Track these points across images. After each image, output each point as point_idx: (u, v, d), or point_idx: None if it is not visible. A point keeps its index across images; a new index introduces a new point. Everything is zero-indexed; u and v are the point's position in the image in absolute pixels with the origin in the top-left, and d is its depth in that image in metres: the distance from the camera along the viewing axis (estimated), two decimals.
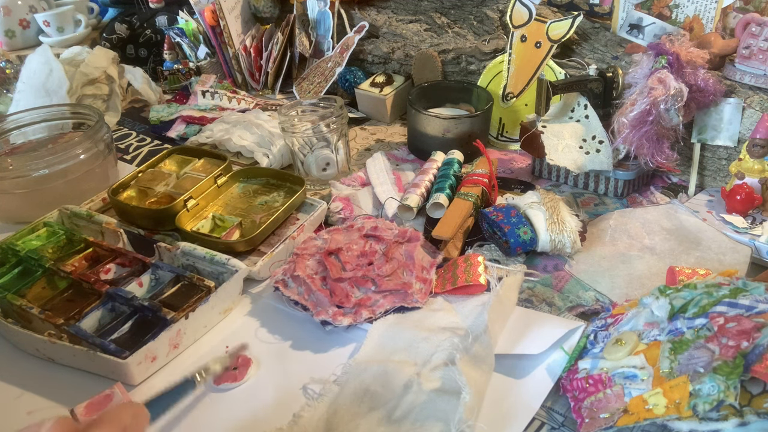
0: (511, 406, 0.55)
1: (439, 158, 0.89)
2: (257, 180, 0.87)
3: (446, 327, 0.63)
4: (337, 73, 1.11)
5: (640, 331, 0.54)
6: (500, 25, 1.04)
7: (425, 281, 0.68)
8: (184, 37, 1.25)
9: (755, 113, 0.79)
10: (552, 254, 0.73)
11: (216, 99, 1.15)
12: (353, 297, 0.66)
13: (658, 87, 0.76)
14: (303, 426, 0.54)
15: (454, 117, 0.92)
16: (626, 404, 0.50)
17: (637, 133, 0.77)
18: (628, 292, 0.66)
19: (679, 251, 0.71)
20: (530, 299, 0.67)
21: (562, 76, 0.94)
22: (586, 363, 0.55)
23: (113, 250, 0.73)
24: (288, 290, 0.67)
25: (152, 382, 0.60)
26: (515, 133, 0.98)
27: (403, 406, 0.55)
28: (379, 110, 1.08)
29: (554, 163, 0.81)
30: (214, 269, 0.70)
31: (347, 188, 0.87)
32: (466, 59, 1.04)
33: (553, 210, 0.73)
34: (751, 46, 0.79)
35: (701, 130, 0.83)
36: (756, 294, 0.51)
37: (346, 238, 0.72)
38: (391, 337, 0.62)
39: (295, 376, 0.60)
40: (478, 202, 0.78)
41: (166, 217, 0.77)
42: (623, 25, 0.93)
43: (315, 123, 0.87)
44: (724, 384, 0.45)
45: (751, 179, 0.76)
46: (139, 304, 0.64)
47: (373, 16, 1.13)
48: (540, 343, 0.59)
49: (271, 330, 0.66)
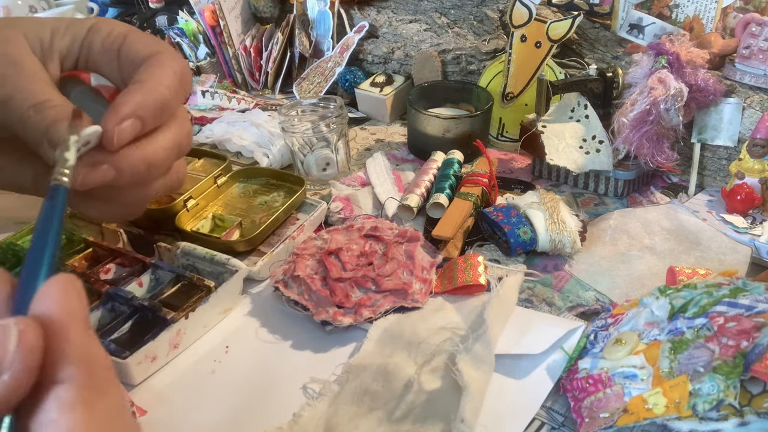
0: (511, 406, 0.55)
1: (439, 158, 0.89)
2: (257, 180, 0.87)
3: (446, 327, 0.63)
4: (337, 73, 1.11)
5: (640, 331, 0.54)
6: (500, 25, 1.04)
7: (425, 281, 0.68)
8: (184, 37, 1.25)
9: (755, 113, 0.79)
10: (552, 254, 0.73)
11: (216, 99, 1.15)
12: (353, 297, 0.66)
13: (658, 87, 0.76)
14: (303, 425, 0.54)
15: (454, 117, 0.92)
16: (626, 404, 0.50)
17: (637, 133, 0.77)
18: (628, 292, 0.66)
19: (679, 251, 0.71)
20: (530, 299, 0.67)
21: (562, 76, 0.94)
22: (586, 363, 0.55)
23: (113, 250, 0.73)
24: (288, 290, 0.67)
25: (152, 382, 0.60)
26: (515, 133, 0.98)
27: (403, 406, 0.55)
28: (379, 110, 1.08)
29: (554, 163, 0.81)
30: (214, 269, 0.70)
31: (347, 188, 0.87)
32: (466, 59, 1.04)
33: (553, 210, 0.73)
34: (751, 46, 0.79)
35: (701, 130, 0.83)
36: (756, 294, 0.51)
37: (346, 238, 0.72)
38: (391, 337, 0.62)
39: (295, 376, 0.60)
40: (478, 202, 0.78)
41: (166, 217, 0.77)
42: (623, 25, 0.93)
43: (315, 123, 0.87)
44: (723, 383, 0.45)
45: (751, 179, 0.76)
46: (139, 304, 0.64)
47: (373, 16, 1.13)
48: (540, 343, 0.59)
49: (271, 330, 0.66)
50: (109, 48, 0.38)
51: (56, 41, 0.38)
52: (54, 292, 0.25)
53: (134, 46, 0.38)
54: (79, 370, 0.24)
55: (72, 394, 0.23)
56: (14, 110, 0.35)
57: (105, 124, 0.34)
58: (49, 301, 0.25)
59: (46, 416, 0.23)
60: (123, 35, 0.38)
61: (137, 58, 0.37)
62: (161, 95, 0.36)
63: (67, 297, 0.25)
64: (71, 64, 0.39)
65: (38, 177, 0.40)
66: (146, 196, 0.40)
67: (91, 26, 0.39)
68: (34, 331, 0.23)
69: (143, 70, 0.37)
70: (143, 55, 0.37)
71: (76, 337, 0.24)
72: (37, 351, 0.23)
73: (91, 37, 0.39)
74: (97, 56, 0.39)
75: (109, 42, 0.38)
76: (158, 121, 0.36)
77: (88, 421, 0.23)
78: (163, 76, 0.36)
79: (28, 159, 0.40)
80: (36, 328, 0.24)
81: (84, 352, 0.24)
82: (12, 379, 0.23)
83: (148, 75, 0.36)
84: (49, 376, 0.24)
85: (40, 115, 0.34)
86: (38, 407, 0.23)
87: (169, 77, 0.36)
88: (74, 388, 0.23)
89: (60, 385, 0.23)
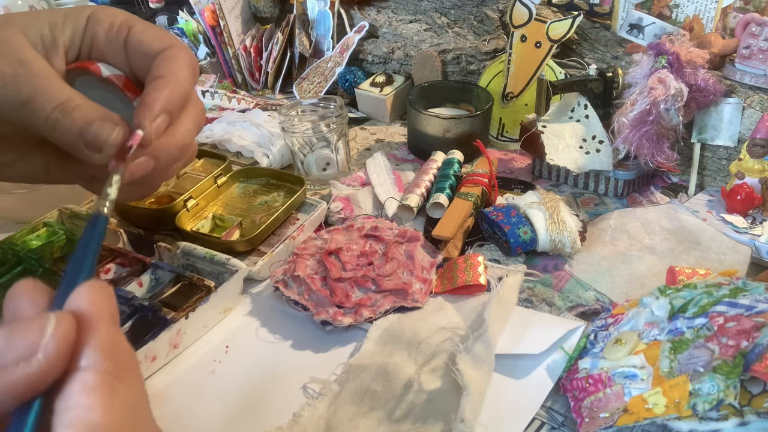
0: (511, 406, 0.55)
1: (439, 158, 0.89)
2: (257, 180, 0.87)
3: (446, 327, 0.63)
4: (337, 73, 1.11)
5: (640, 331, 0.54)
6: (500, 25, 1.04)
7: (425, 281, 0.68)
8: (184, 37, 1.25)
9: (755, 113, 0.79)
10: (552, 254, 0.73)
11: (216, 99, 1.15)
12: (353, 297, 0.66)
13: (658, 87, 0.76)
14: (303, 425, 0.54)
15: (454, 117, 0.92)
16: (626, 404, 0.50)
17: (637, 133, 0.77)
18: (628, 292, 0.66)
19: (679, 251, 0.71)
20: (530, 299, 0.67)
21: (562, 76, 0.94)
22: (586, 363, 0.55)
23: (113, 250, 0.73)
24: (288, 290, 0.67)
25: (152, 381, 0.60)
26: (515, 133, 0.98)
27: (403, 406, 0.55)
28: (379, 110, 1.08)
29: (554, 163, 0.81)
30: (214, 269, 0.70)
31: (347, 188, 0.87)
32: (466, 59, 1.04)
33: (553, 210, 0.73)
34: (751, 46, 0.79)
35: (701, 130, 0.83)
36: (756, 294, 0.51)
37: (346, 238, 0.72)
38: (391, 337, 0.62)
39: (295, 376, 0.60)
40: (478, 202, 0.78)
41: (166, 217, 0.77)
42: (623, 25, 0.93)
43: (315, 123, 0.87)
44: (723, 383, 0.45)
45: (751, 179, 0.76)
46: (138, 304, 0.64)
47: (373, 16, 1.13)
48: (540, 343, 0.59)
49: (271, 330, 0.66)
50: (115, 38, 0.39)
51: (57, 34, 0.38)
52: (86, 292, 0.27)
53: (142, 37, 0.39)
54: (103, 357, 0.26)
55: (96, 378, 0.25)
56: (38, 112, 0.36)
57: (141, 122, 0.37)
58: (82, 299, 0.27)
59: (71, 398, 0.24)
60: (127, 26, 0.40)
61: (149, 51, 0.39)
62: (184, 89, 0.38)
63: (98, 296, 0.27)
64: (74, 56, 0.40)
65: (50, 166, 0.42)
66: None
67: (90, 15, 0.39)
68: (68, 321, 0.26)
69: (161, 65, 0.38)
70: (155, 49, 0.39)
71: (103, 330, 0.26)
72: (70, 338, 0.25)
73: (93, 28, 0.39)
74: (103, 46, 0.40)
75: (114, 33, 0.39)
76: (182, 110, 0.40)
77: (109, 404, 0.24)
78: (181, 69, 0.39)
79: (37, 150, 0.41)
80: (69, 320, 0.26)
81: (110, 342, 0.26)
82: (45, 360, 0.24)
83: (167, 70, 0.38)
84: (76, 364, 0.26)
85: (68, 117, 0.36)
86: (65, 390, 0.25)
87: (186, 70, 0.39)
88: (98, 373, 0.25)
89: (85, 370, 0.25)
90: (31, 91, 0.35)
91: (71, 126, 0.36)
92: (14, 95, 0.35)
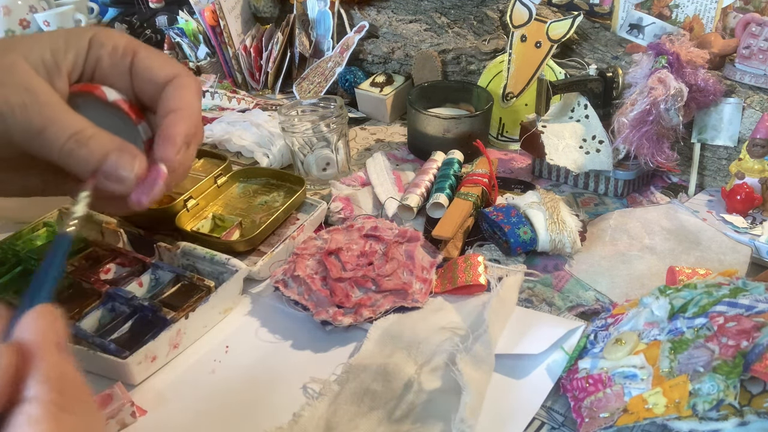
0: (511, 406, 0.55)
1: (439, 158, 0.89)
2: (257, 180, 0.87)
3: (446, 327, 0.63)
4: (337, 73, 1.11)
5: (640, 331, 0.54)
6: (500, 25, 1.04)
7: (425, 281, 0.68)
8: (184, 37, 1.25)
9: (755, 113, 0.79)
10: (552, 254, 0.73)
11: (216, 99, 1.15)
12: (353, 297, 0.66)
13: (658, 87, 0.76)
14: (303, 425, 0.54)
15: (454, 117, 0.92)
16: (626, 404, 0.50)
17: (637, 133, 0.77)
18: (628, 292, 0.66)
19: (679, 251, 0.71)
20: (530, 299, 0.67)
21: (562, 76, 0.94)
22: (586, 363, 0.55)
23: (113, 250, 0.73)
24: (288, 290, 0.67)
25: (152, 381, 0.60)
26: (515, 133, 0.98)
27: (403, 406, 0.55)
28: (379, 110, 1.08)
29: (554, 163, 0.81)
30: (214, 269, 0.70)
31: (347, 188, 0.87)
32: (466, 59, 1.04)
33: (553, 210, 0.73)
34: (751, 46, 0.79)
35: (701, 130, 0.83)
36: (756, 294, 0.51)
37: (346, 238, 0.72)
38: (391, 337, 0.62)
39: (295, 376, 0.60)
40: (478, 202, 0.78)
41: (166, 217, 0.77)
42: (623, 25, 0.93)
43: (315, 123, 0.87)
44: (723, 383, 0.45)
45: (751, 179, 0.76)
46: (139, 304, 0.64)
47: (373, 16, 1.13)
48: (540, 343, 0.59)
49: (271, 330, 0.66)
50: (119, 63, 0.40)
51: (60, 59, 0.38)
52: (32, 320, 0.27)
53: (149, 63, 0.40)
54: (48, 388, 0.25)
55: (40, 409, 0.25)
56: (52, 143, 0.36)
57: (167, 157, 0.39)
58: (27, 327, 0.27)
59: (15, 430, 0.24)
60: (131, 51, 0.40)
61: (156, 78, 0.40)
62: (197, 118, 0.40)
63: (42, 323, 0.27)
64: (76, 79, 0.40)
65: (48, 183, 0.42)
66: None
67: (92, 38, 0.40)
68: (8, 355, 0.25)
69: (174, 95, 0.40)
70: (163, 77, 0.40)
71: (48, 358, 0.26)
72: (9, 373, 0.25)
73: (96, 51, 0.40)
74: (107, 70, 0.40)
75: (118, 57, 0.40)
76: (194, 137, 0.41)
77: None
78: (191, 99, 0.40)
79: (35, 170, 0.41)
80: (10, 353, 0.25)
81: (55, 371, 0.26)
82: None
83: (182, 102, 0.40)
84: (21, 395, 0.25)
85: (84, 148, 0.36)
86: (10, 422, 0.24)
87: (195, 98, 0.41)
88: (42, 404, 0.25)
89: (30, 402, 0.25)
90: (43, 121, 0.35)
91: (88, 157, 0.36)
92: (25, 124, 0.35)
